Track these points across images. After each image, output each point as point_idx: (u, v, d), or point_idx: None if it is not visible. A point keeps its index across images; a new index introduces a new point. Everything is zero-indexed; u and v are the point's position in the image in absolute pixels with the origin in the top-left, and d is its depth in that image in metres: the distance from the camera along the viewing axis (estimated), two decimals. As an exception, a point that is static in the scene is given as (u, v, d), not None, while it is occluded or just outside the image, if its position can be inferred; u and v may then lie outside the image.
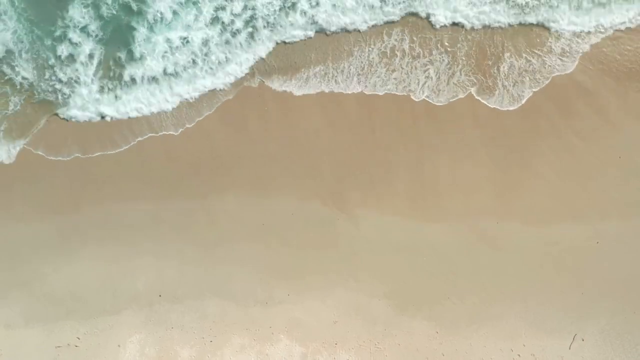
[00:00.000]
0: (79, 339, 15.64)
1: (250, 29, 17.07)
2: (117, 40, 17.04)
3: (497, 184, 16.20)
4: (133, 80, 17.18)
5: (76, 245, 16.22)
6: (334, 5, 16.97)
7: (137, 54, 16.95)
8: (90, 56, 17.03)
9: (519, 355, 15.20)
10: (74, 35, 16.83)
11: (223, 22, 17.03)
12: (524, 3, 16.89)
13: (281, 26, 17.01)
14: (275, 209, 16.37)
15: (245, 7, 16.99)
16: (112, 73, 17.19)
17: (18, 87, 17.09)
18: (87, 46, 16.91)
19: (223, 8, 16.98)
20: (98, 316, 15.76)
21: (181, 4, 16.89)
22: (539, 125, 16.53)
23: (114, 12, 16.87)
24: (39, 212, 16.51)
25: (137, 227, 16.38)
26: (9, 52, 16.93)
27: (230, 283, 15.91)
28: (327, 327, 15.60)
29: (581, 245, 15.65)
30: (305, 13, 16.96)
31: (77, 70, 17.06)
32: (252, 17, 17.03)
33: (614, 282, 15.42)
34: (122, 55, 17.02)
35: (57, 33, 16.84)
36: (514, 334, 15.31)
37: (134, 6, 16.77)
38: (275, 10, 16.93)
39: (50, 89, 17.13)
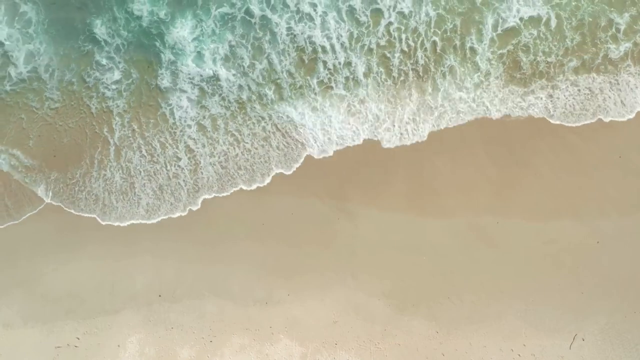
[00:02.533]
0: (78, 339, 15.61)
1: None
2: (143, 60, 16.65)
3: (496, 183, 16.18)
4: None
5: (75, 245, 16.21)
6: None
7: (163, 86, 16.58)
8: (119, 82, 16.55)
9: (519, 355, 15.16)
10: (101, 57, 16.43)
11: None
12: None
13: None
14: (275, 208, 16.36)
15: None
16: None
17: (40, 113, 16.36)
18: (117, 72, 16.49)
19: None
20: (97, 316, 15.74)
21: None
22: (539, 124, 16.52)
23: (136, 35, 16.54)
24: (38, 211, 16.49)
25: (136, 226, 16.40)
26: (41, 80, 16.34)
27: (229, 283, 15.89)
28: (326, 326, 15.58)
29: (581, 244, 15.63)
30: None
31: (105, 97, 16.49)
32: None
33: (614, 281, 15.39)
34: (153, 82, 16.57)
35: (84, 50, 16.41)
36: (514, 333, 15.28)
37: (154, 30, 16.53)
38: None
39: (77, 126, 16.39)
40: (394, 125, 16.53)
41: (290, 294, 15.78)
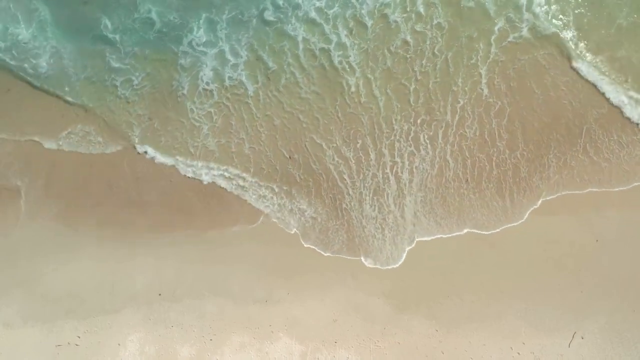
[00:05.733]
0: (79, 337, 15.66)
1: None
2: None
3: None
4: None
5: (75, 245, 16.21)
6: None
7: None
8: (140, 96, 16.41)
9: (518, 353, 15.18)
10: (112, 58, 16.28)
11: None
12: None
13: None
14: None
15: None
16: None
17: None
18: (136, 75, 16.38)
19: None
20: (97, 315, 15.78)
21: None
22: (540, 123, 16.43)
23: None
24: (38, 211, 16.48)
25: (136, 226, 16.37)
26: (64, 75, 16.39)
27: (229, 282, 15.91)
28: (326, 325, 15.60)
29: (580, 243, 15.58)
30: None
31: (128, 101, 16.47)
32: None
33: (613, 280, 15.36)
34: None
35: (100, 51, 16.19)
36: (514, 332, 15.29)
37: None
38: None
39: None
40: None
41: (290, 293, 15.80)
